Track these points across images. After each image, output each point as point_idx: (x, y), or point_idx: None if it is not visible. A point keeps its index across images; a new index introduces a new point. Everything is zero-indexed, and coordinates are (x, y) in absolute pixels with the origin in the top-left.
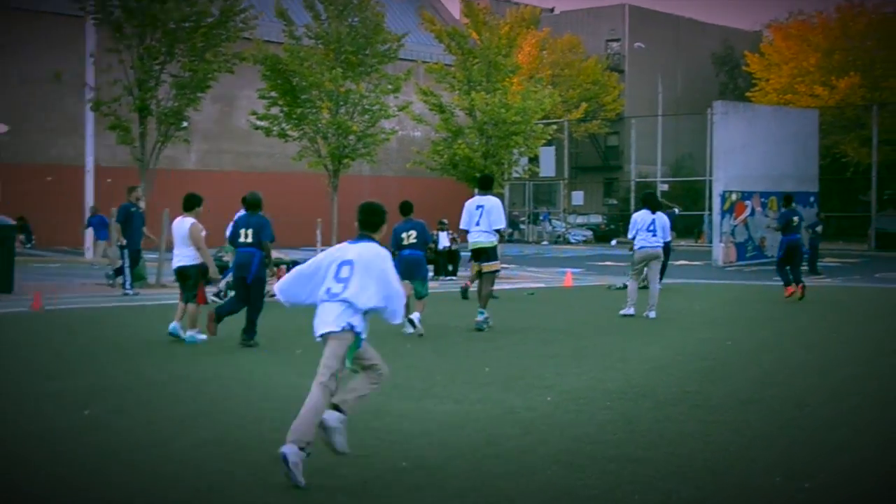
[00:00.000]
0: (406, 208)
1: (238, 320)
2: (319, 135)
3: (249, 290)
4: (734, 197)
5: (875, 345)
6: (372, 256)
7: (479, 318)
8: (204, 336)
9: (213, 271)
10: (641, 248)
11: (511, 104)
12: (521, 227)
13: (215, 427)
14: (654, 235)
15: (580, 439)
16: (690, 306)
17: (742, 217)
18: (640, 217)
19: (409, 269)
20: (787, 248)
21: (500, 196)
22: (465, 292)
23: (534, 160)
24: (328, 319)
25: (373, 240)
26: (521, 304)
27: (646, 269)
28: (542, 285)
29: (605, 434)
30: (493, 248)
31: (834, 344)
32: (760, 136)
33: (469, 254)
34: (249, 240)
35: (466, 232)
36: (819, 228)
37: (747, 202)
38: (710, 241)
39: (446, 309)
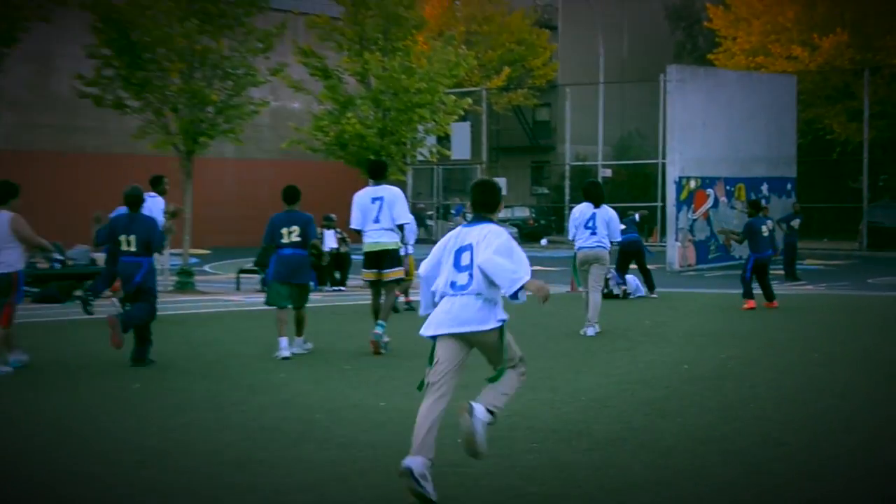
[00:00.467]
0: (290, 195)
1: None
2: (168, 106)
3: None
4: (693, 184)
5: (866, 368)
6: (492, 233)
7: (378, 330)
8: (25, 357)
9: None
10: (580, 249)
11: (415, 69)
12: (429, 223)
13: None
14: (594, 234)
15: (500, 491)
16: (639, 321)
17: (703, 209)
18: (580, 211)
19: (288, 271)
20: (755, 265)
21: (401, 185)
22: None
23: (444, 139)
24: (465, 316)
25: (490, 221)
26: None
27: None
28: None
29: (531, 483)
30: (396, 251)
31: (814, 367)
32: (725, 109)
33: (362, 258)
34: (133, 248)
35: (359, 232)
36: (796, 223)
37: (709, 191)
38: (664, 240)
39: (331, 328)
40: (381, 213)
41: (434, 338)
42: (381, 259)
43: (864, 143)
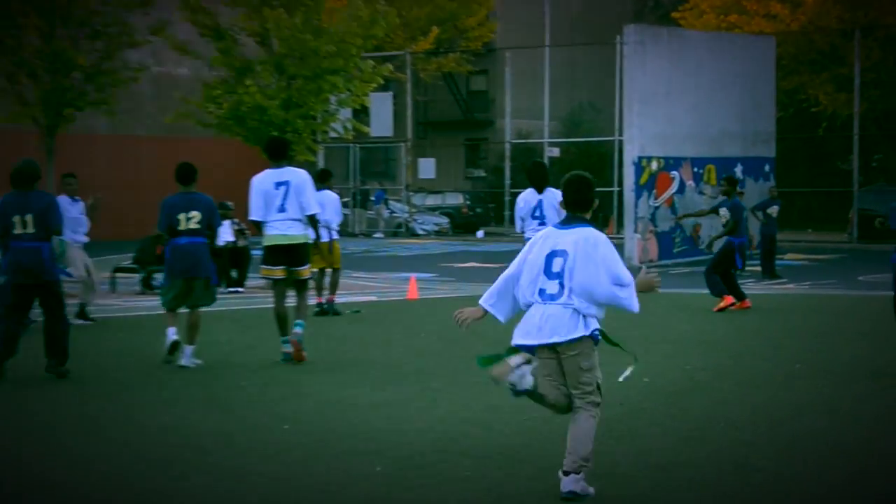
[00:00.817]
0: (187, 174)
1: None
2: (24, 70)
3: (47, 300)
4: (655, 166)
5: (855, 381)
6: (589, 242)
7: (298, 329)
8: None
9: None
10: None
11: (325, 28)
12: (344, 212)
13: None
14: (543, 224)
15: None
16: None
17: (666, 195)
18: (524, 200)
19: (188, 264)
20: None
21: (311, 167)
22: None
23: (361, 113)
24: (552, 326)
25: (586, 222)
26: (340, 326)
27: None
28: (373, 298)
29: None
30: (307, 245)
31: (794, 380)
32: (692, 77)
33: (262, 253)
34: (31, 229)
35: (260, 223)
36: (774, 211)
37: (674, 173)
38: (621, 232)
39: (227, 338)
40: (287, 200)
41: (527, 347)
42: (291, 254)
43: (855, 116)
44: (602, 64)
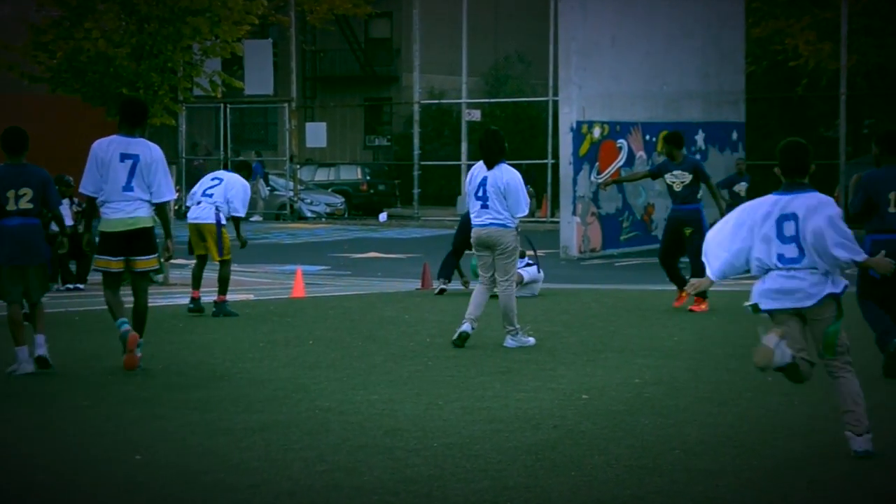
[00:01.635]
0: (16, 142)
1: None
2: None
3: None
4: (597, 133)
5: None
6: (818, 205)
7: (126, 327)
8: None
9: None
10: (473, 227)
11: None
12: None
13: None
14: (486, 207)
15: None
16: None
17: (611, 169)
18: (470, 175)
19: (20, 250)
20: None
21: (170, 132)
22: None
23: (233, 65)
24: (799, 291)
25: (811, 189)
26: (207, 331)
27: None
28: (249, 296)
29: None
30: (152, 230)
31: (765, 396)
32: (644, 22)
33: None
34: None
35: (94, 200)
36: (742, 188)
37: (620, 142)
38: (556, 214)
39: (64, 346)
40: (133, 177)
41: (770, 311)
42: (132, 242)
43: (842, 72)
44: (533, 6)
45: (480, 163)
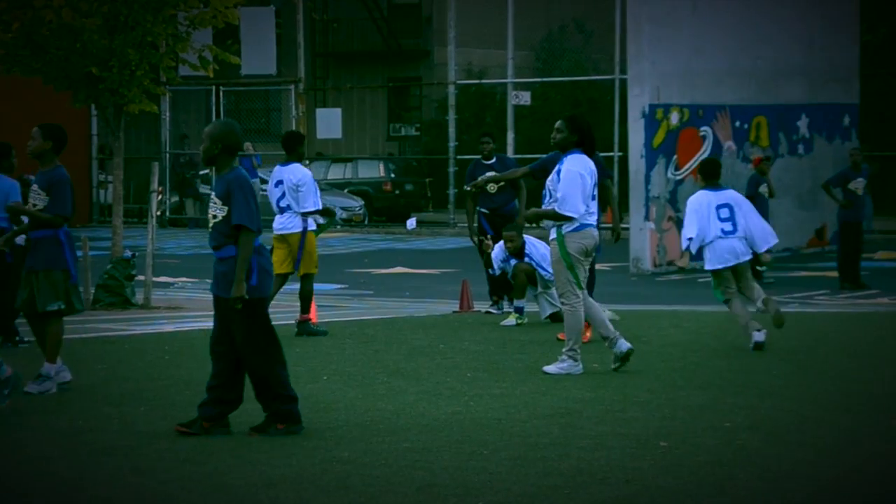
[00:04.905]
0: None
1: None
2: None
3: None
4: (675, 118)
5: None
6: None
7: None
8: None
9: None
10: (581, 228)
11: None
12: (203, 188)
13: None
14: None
15: None
16: (578, 385)
17: (694, 163)
18: (586, 172)
19: None
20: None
21: (153, 119)
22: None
23: (227, 37)
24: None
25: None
26: (193, 363)
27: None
28: None
29: None
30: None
31: (877, 446)
32: None
33: None
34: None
35: None
36: (859, 186)
37: (704, 130)
38: (624, 219)
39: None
40: None
41: None
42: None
43: None
44: None
45: (584, 157)
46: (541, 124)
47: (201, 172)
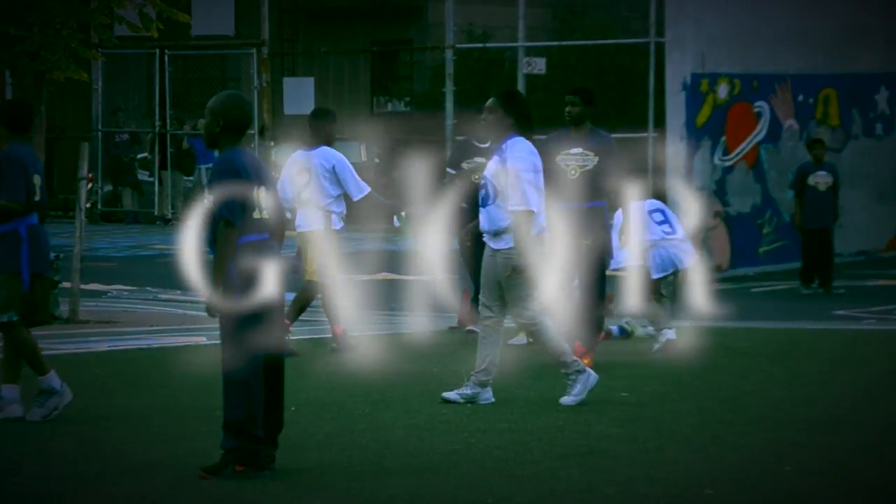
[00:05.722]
0: (28, 115)
1: None
2: None
3: None
4: (724, 91)
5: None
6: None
7: None
8: None
9: None
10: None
11: None
12: (142, 175)
13: None
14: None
15: None
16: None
17: (746, 145)
18: None
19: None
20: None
21: (85, 88)
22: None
23: None
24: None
25: None
26: (130, 390)
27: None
28: (200, 339)
29: None
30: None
31: None
32: None
33: None
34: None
35: None
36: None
37: (759, 105)
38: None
39: None
40: None
41: None
42: None
43: None
44: None
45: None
46: (558, 98)
47: (139, 156)
